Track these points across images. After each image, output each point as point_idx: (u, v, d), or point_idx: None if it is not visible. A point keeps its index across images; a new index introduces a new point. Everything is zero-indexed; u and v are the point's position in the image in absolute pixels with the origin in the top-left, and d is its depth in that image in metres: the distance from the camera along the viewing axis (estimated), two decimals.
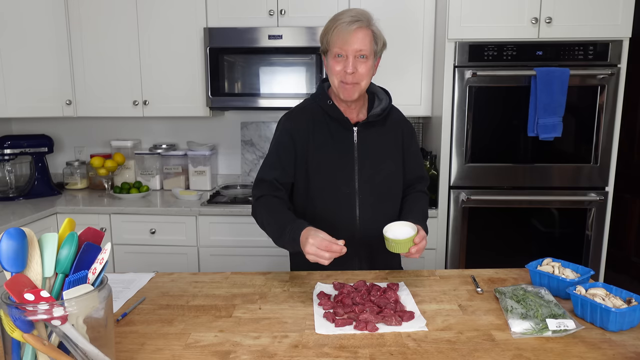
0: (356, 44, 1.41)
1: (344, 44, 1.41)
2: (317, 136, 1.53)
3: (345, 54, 1.42)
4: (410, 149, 1.63)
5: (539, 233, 2.44)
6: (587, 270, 1.31)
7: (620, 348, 1.03)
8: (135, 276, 1.46)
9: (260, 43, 2.54)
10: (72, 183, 2.98)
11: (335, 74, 1.45)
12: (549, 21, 2.28)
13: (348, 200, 1.53)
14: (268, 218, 1.46)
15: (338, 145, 1.53)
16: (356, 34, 1.41)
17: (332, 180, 1.52)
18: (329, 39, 1.44)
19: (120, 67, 2.69)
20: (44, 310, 0.77)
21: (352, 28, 1.40)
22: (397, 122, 1.62)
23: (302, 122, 1.55)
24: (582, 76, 2.31)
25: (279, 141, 1.56)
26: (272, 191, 1.51)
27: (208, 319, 1.18)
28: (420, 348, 1.03)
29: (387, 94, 1.61)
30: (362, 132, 1.54)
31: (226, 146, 3.10)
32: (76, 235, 0.89)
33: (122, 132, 3.11)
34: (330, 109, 1.53)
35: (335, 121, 1.53)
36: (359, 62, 1.43)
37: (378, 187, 1.55)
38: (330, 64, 1.46)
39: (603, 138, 2.36)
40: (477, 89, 2.34)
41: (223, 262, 2.49)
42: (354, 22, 1.40)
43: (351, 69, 1.42)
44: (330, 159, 1.52)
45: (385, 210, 1.57)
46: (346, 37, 1.40)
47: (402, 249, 1.32)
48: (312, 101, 1.59)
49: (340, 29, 1.41)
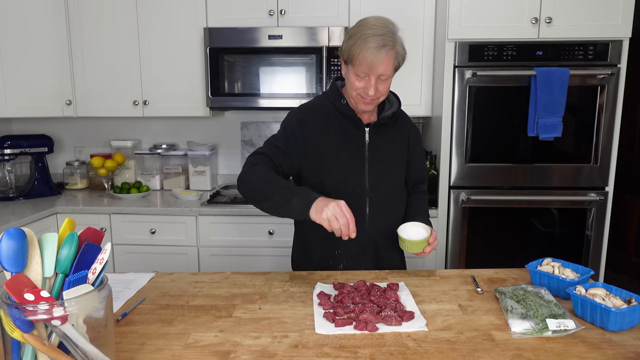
0: (381, 68, 1.39)
1: (369, 69, 1.39)
2: (329, 134, 1.53)
3: (369, 76, 1.41)
4: (416, 152, 1.67)
5: (539, 233, 2.44)
6: (587, 270, 1.31)
7: (620, 348, 1.03)
8: (135, 276, 1.46)
9: (260, 43, 2.54)
10: (72, 183, 2.98)
11: (355, 88, 1.45)
12: (549, 21, 2.28)
13: (358, 198, 1.54)
14: (271, 178, 1.40)
15: (350, 145, 1.54)
16: (382, 60, 1.38)
17: (344, 178, 1.53)
18: (354, 55, 1.40)
19: (120, 67, 2.69)
20: (44, 310, 0.77)
21: (381, 56, 1.37)
22: (404, 125, 1.64)
23: (316, 119, 1.54)
24: (582, 76, 2.31)
25: (289, 129, 1.53)
26: (270, 166, 1.47)
27: (208, 319, 1.18)
28: (420, 348, 1.03)
29: (397, 98, 1.63)
30: (374, 133, 1.56)
31: (226, 146, 3.10)
32: (76, 235, 0.89)
33: (122, 132, 3.11)
34: (343, 108, 1.53)
35: (348, 120, 1.54)
36: (380, 83, 1.43)
37: (387, 187, 1.57)
38: (352, 78, 1.45)
39: (603, 138, 2.36)
40: (477, 89, 2.34)
41: (223, 262, 2.49)
42: (382, 47, 1.37)
43: (373, 92, 1.42)
44: (342, 158, 1.53)
45: (393, 210, 1.60)
46: (373, 63, 1.38)
47: (417, 249, 1.43)
48: (325, 99, 1.59)
49: (367, 54, 1.37)
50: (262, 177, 1.42)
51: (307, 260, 1.62)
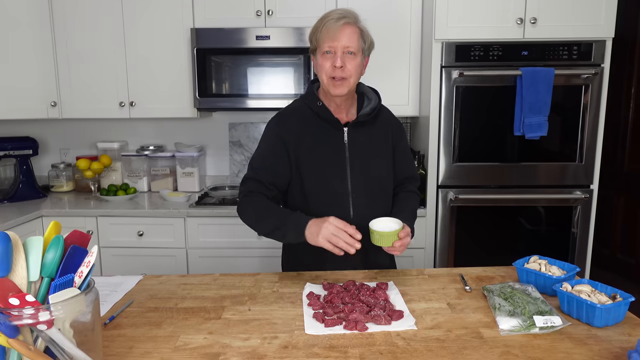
0: (344, 40, 1.43)
1: (332, 40, 1.43)
2: (307, 138, 1.53)
3: (334, 50, 1.44)
4: (400, 147, 1.64)
5: (526, 231, 2.47)
6: (573, 267, 1.33)
7: (605, 343, 1.04)
8: (123, 279, 1.45)
9: (248, 44, 2.53)
10: (58, 185, 2.94)
11: (324, 70, 1.46)
12: (533, 22, 2.31)
13: (341, 200, 1.53)
14: (263, 212, 1.46)
15: (329, 146, 1.53)
16: (344, 30, 1.43)
17: (325, 181, 1.53)
18: (318, 36, 1.46)
19: (106, 67, 2.66)
20: (30, 315, 0.76)
21: (340, 24, 1.42)
22: (386, 121, 1.63)
23: (291, 125, 1.55)
24: (566, 76, 2.34)
25: (269, 145, 1.56)
26: (262, 190, 1.51)
27: (197, 321, 1.17)
28: (409, 347, 1.04)
29: (377, 94, 1.62)
30: (353, 132, 1.54)
31: (214, 147, 3.09)
32: (62, 239, 0.88)
33: (109, 133, 3.08)
34: (320, 109, 1.53)
35: (325, 122, 1.54)
36: (347, 58, 1.45)
37: (370, 186, 1.56)
38: (319, 61, 1.48)
39: (588, 137, 2.39)
40: (464, 88, 2.36)
41: (212, 263, 2.48)
42: (342, 18, 1.43)
43: (340, 63, 1.43)
44: (322, 160, 1.52)
45: (378, 209, 1.57)
46: (334, 34, 1.42)
47: (386, 242, 1.35)
48: (302, 102, 1.60)
49: (328, 26, 1.43)
50: (253, 214, 1.48)
51: (295, 263, 1.62)
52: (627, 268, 3.32)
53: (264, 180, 1.52)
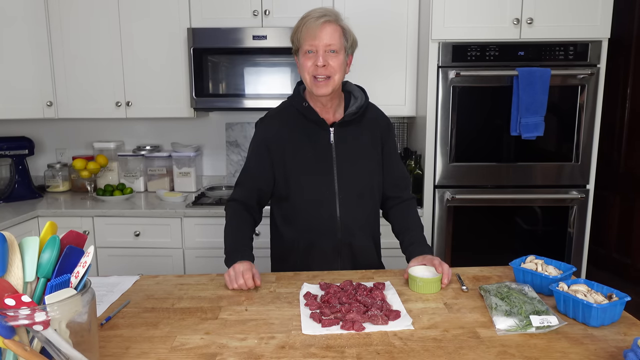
0: (325, 38, 1.42)
1: (313, 39, 1.42)
2: (293, 140, 1.53)
3: (316, 49, 1.43)
4: (388, 145, 1.62)
5: (522, 231, 2.47)
6: (569, 267, 1.34)
7: (602, 343, 1.05)
8: (120, 279, 1.45)
9: (245, 43, 2.53)
10: (54, 186, 2.93)
11: (306, 70, 1.45)
12: (530, 22, 2.32)
13: (328, 200, 1.53)
14: (229, 229, 1.54)
15: (315, 147, 1.53)
16: (324, 29, 1.42)
17: (311, 182, 1.52)
18: (299, 36, 1.46)
19: (102, 67, 2.65)
20: (26, 315, 0.76)
21: (320, 22, 1.41)
22: (374, 119, 1.61)
23: (276, 128, 1.56)
24: (563, 76, 2.35)
25: (253, 150, 1.59)
26: (245, 198, 1.57)
27: (194, 321, 1.17)
28: (406, 347, 1.04)
29: (363, 92, 1.60)
30: (339, 132, 1.54)
31: (211, 147, 3.08)
32: (58, 239, 0.87)
33: (105, 133, 3.07)
34: (305, 110, 1.53)
35: (312, 123, 1.53)
36: (329, 56, 1.44)
37: (358, 186, 1.55)
38: (302, 61, 1.47)
39: (584, 137, 2.40)
40: (461, 89, 2.37)
41: (209, 263, 2.47)
42: (322, 17, 1.42)
43: (322, 62, 1.42)
44: (308, 161, 1.52)
45: (366, 209, 1.57)
46: (315, 32, 1.41)
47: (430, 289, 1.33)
48: (288, 103, 1.60)
49: (308, 25, 1.42)
50: (228, 226, 1.55)
51: (282, 263, 1.62)
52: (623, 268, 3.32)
53: (247, 186, 1.57)
